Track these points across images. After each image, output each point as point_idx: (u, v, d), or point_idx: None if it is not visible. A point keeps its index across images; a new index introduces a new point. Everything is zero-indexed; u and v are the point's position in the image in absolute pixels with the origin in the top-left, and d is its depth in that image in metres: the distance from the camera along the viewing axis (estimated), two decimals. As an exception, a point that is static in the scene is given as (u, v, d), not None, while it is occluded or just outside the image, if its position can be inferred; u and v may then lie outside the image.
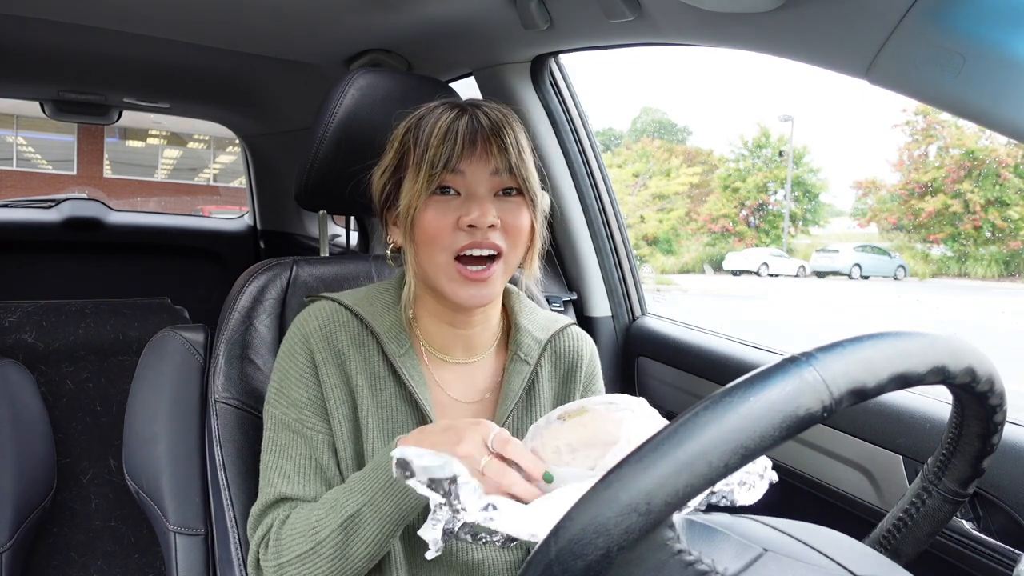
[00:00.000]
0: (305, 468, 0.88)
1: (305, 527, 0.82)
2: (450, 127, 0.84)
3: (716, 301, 13.98)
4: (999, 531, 0.92)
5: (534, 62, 1.56)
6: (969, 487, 0.61)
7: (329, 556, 0.80)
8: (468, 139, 0.83)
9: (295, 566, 0.81)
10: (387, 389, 0.90)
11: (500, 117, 0.86)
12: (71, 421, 1.68)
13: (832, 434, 1.13)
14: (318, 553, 0.80)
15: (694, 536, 0.51)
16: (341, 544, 0.79)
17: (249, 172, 3.08)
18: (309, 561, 0.81)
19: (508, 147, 0.84)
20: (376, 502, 0.78)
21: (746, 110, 52.42)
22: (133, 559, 1.68)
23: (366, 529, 0.78)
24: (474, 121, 0.84)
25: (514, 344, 0.96)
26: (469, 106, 0.87)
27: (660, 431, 0.42)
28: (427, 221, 0.84)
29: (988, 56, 0.72)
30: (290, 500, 0.87)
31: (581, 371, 1.01)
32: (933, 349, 0.48)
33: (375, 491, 0.78)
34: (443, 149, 0.82)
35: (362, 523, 0.78)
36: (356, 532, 0.79)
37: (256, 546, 0.86)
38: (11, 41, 1.80)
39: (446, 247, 0.84)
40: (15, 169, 15.41)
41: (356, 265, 1.18)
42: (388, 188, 0.90)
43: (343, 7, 1.49)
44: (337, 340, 0.90)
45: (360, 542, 0.79)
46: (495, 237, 0.84)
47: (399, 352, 0.90)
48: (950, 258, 20.51)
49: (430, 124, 0.85)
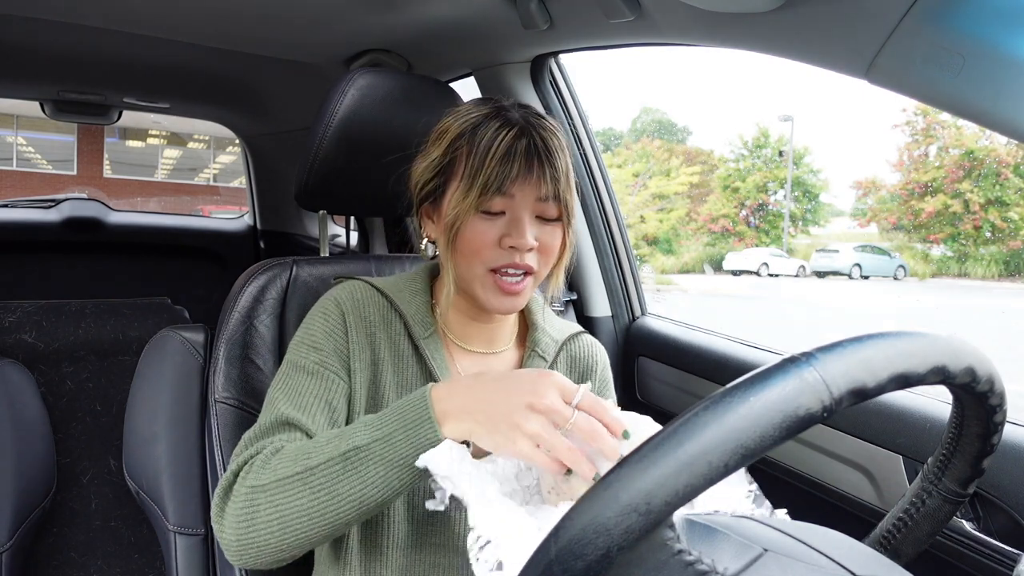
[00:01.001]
0: (315, 405, 0.83)
1: (299, 451, 0.74)
2: (509, 149, 0.83)
3: (716, 301, 13.97)
4: (999, 531, 0.92)
5: (534, 62, 1.56)
6: (969, 487, 0.61)
7: (315, 488, 0.71)
8: (525, 164, 0.83)
9: (271, 492, 0.72)
10: (409, 368, 0.92)
11: (555, 142, 0.86)
12: (71, 421, 1.68)
13: (832, 434, 1.13)
14: (305, 481, 0.71)
15: (694, 536, 0.51)
16: (334, 478, 0.70)
17: (249, 172, 3.07)
18: (289, 489, 0.72)
19: (559, 175, 0.85)
20: (393, 440, 0.70)
21: (746, 110, 52.45)
22: (133, 559, 1.68)
23: (370, 469, 0.70)
24: (532, 145, 0.84)
25: (532, 341, 0.98)
26: (526, 124, 0.85)
27: (660, 431, 0.42)
28: (471, 235, 0.85)
29: (988, 56, 0.72)
30: (295, 428, 0.81)
31: (595, 378, 1.03)
32: (933, 349, 0.48)
33: (395, 428, 0.71)
34: (499, 172, 0.82)
35: (368, 460, 0.70)
36: (356, 469, 0.70)
37: (237, 468, 0.78)
38: (11, 41, 1.80)
39: (484, 261, 0.86)
40: (15, 169, 15.41)
41: (356, 265, 1.18)
42: (431, 185, 0.90)
43: (343, 7, 1.49)
44: (368, 313, 0.91)
45: (357, 482, 0.70)
46: (530, 259, 0.86)
47: (424, 335, 0.92)
48: (950, 258, 20.52)
49: (487, 138, 0.84)
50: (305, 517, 0.72)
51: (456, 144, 0.87)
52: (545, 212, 0.87)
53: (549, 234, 0.88)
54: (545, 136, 0.85)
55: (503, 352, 0.98)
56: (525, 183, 0.84)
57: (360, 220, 2.21)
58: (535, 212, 0.86)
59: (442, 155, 0.89)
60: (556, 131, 0.87)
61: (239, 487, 0.76)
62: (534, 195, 0.85)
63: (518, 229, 0.84)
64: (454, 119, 0.89)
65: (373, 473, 0.70)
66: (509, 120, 0.86)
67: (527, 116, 0.87)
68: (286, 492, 0.72)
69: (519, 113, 0.87)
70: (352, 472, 0.71)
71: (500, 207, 0.85)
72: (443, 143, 0.89)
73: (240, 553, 0.76)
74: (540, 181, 0.84)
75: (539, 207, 0.86)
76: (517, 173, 0.83)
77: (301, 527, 0.72)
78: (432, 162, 0.90)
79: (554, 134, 0.86)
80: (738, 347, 1.38)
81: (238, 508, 0.74)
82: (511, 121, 0.85)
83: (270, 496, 0.73)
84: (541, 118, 0.88)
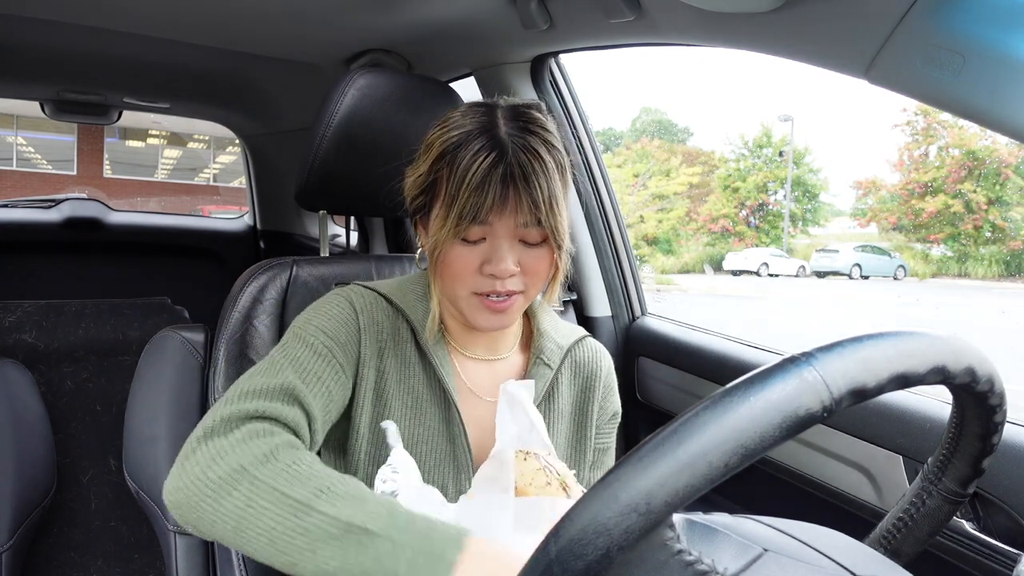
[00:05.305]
0: (317, 387, 0.78)
1: (312, 473, 0.66)
2: (485, 177, 0.79)
3: (716, 301, 13.98)
4: (999, 531, 0.92)
5: (534, 62, 1.56)
6: (969, 487, 0.61)
7: (295, 529, 0.63)
8: (499, 194, 0.80)
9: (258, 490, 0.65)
10: (415, 376, 0.91)
11: (535, 164, 0.80)
12: (71, 421, 1.68)
13: (832, 434, 1.13)
14: (295, 512, 0.63)
15: (694, 536, 0.51)
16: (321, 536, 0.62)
17: (249, 172, 3.07)
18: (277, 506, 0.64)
19: (538, 201, 0.80)
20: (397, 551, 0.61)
21: (746, 110, 52.45)
22: (133, 559, 1.68)
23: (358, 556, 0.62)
24: (508, 172, 0.80)
25: (536, 348, 0.96)
26: (507, 145, 0.80)
27: (660, 430, 0.42)
28: (451, 261, 0.84)
29: (988, 56, 0.72)
30: (297, 404, 0.75)
31: (600, 383, 1.02)
32: (933, 349, 0.48)
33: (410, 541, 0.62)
34: (475, 202, 0.80)
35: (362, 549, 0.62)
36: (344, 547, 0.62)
37: (229, 416, 0.70)
38: (11, 41, 1.80)
39: (467, 286, 0.85)
40: (15, 169, 15.41)
41: (356, 265, 1.18)
42: (420, 201, 0.89)
43: (343, 7, 1.49)
44: (378, 319, 0.90)
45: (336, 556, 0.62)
46: (512, 284, 0.84)
47: (432, 341, 0.91)
48: (950, 258, 20.52)
49: (464, 165, 0.80)
50: (266, 539, 0.64)
51: (438, 165, 0.85)
52: (527, 237, 0.84)
53: (534, 258, 0.84)
54: (524, 161, 0.80)
55: (507, 358, 0.97)
56: (502, 211, 0.81)
57: (360, 220, 2.21)
58: (517, 237, 0.84)
59: (427, 173, 0.87)
60: (543, 147, 0.82)
61: (228, 446, 0.68)
62: (513, 221, 0.82)
63: (497, 255, 0.82)
64: (440, 133, 0.86)
65: (357, 563, 0.62)
66: (491, 139, 0.81)
67: (513, 132, 0.82)
68: (271, 506, 0.64)
69: (507, 129, 0.82)
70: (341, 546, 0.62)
71: (479, 235, 0.83)
72: (428, 159, 0.86)
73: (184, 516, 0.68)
74: (517, 209, 0.81)
75: (521, 232, 0.84)
76: (493, 202, 0.80)
77: (255, 542, 0.65)
78: (419, 178, 0.88)
79: (535, 155, 0.81)
80: (738, 347, 1.38)
81: (216, 474, 0.66)
82: (493, 141, 0.81)
83: (251, 493, 0.65)
84: (530, 133, 0.82)
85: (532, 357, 0.96)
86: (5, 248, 2.67)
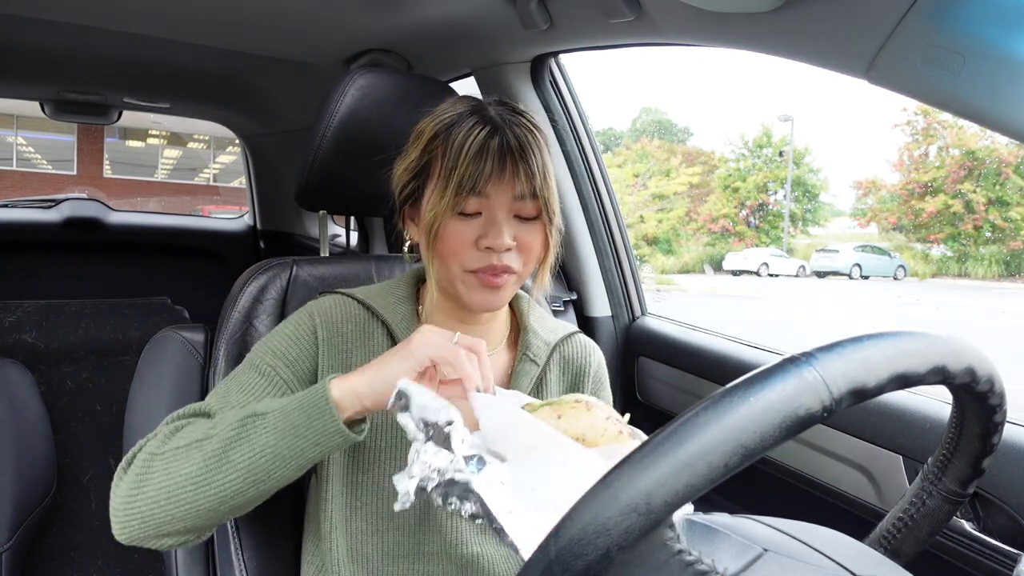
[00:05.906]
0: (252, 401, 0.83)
1: (206, 423, 0.77)
2: (482, 147, 0.82)
3: (716, 301, 13.97)
4: (999, 531, 0.92)
5: (534, 62, 1.56)
6: (969, 487, 0.61)
7: (207, 454, 0.72)
8: (497, 163, 0.82)
9: (167, 459, 0.74)
10: None
11: (530, 138, 0.84)
12: (71, 421, 1.68)
13: (832, 434, 1.13)
14: (200, 447, 0.73)
15: (694, 536, 0.51)
16: (227, 444, 0.72)
17: (249, 172, 3.08)
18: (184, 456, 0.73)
19: (535, 172, 0.83)
20: (288, 411, 0.73)
21: (746, 110, 52.46)
22: (133, 559, 1.68)
23: (262, 436, 0.72)
24: (504, 142, 0.83)
25: (523, 344, 0.97)
26: (500, 122, 0.84)
27: (660, 430, 0.42)
28: (448, 236, 0.84)
29: (988, 56, 0.72)
30: None
31: (589, 378, 1.02)
32: (933, 349, 0.48)
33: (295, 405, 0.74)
34: (472, 171, 0.82)
35: (262, 427, 0.72)
36: (249, 435, 0.72)
37: (145, 441, 0.79)
38: (11, 41, 1.80)
39: (463, 263, 0.85)
40: (15, 169, 15.41)
41: (356, 265, 1.18)
42: (410, 188, 0.90)
43: (343, 7, 1.49)
44: (345, 331, 0.91)
45: (247, 449, 0.72)
46: (509, 259, 0.85)
47: None
48: (950, 258, 20.52)
49: (460, 138, 0.83)
50: (191, 485, 0.72)
51: (432, 145, 0.87)
52: (523, 211, 0.85)
53: (528, 233, 0.86)
54: (519, 133, 0.84)
55: (493, 355, 0.96)
56: (499, 182, 0.83)
57: (360, 220, 2.21)
58: (512, 211, 0.85)
59: (419, 156, 0.88)
60: (533, 128, 0.86)
61: (140, 454, 0.77)
62: (510, 194, 0.84)
63: (494, 229, 0.83)
64: (431, 119, 0.89)
65: (264, 440, 0.72)
66: (484, 118, 0.84)
67: (503, 113, 0.86)
68: (180, 459, 0.73)
69: (495, 110, 0.86)
70: (244, 438, 0.72)
71: (476, 207, 0.84)
72: (420, 144, 0.88)
73: (124, 525, 0.75)
74: (514, 179, 0.83)
75: (516, 206, 0.85)
76: (491, 171, 0.82)
77: (187, 496, 0.72)
78: (410, 164, 0.89)
79: (529, 131, 0.85)
80: (738, 347, 1.38)
81: (132, 475, 0.75)
82: (485, 119, 0.84)
83: (165, 463, 0.74)
84: (518, 115, 0.86)
85: (519, 353, 0.96)
86: (5, 248, 2.67)
